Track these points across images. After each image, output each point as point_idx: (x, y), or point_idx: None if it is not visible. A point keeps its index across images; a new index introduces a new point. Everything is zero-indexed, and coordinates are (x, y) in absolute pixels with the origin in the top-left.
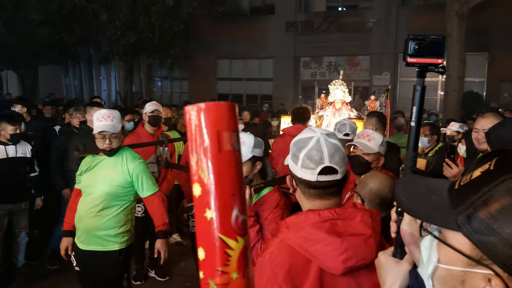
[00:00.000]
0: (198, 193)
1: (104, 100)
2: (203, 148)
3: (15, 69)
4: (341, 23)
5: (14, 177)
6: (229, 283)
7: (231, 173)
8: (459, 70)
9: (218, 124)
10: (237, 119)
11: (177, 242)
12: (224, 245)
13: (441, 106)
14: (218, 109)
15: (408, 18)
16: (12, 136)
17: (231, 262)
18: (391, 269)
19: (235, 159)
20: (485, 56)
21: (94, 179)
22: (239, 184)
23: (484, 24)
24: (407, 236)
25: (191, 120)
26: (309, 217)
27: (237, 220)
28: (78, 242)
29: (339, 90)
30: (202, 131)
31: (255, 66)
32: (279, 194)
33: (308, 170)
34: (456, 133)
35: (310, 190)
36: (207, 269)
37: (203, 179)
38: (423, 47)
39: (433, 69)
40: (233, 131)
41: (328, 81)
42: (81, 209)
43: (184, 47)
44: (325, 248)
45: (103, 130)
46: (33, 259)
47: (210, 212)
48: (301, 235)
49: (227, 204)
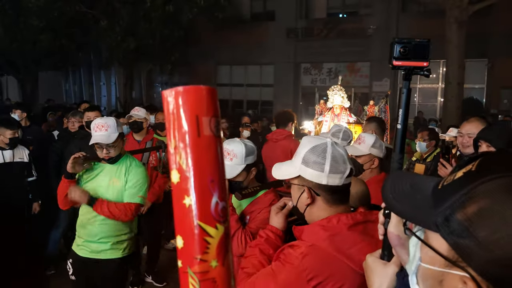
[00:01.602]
0: (176, 180)
1: (104, 105)
2: (181, 133)
3: (15, 74)
4: (342, 30)
5: (11, 182)
6: (208, 271)
7: (210, 158)
8: (458, 77)
9: (197, 109)
10: (217, 104)
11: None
12: (203, 233)
13: (441, 113)
14: (197, 93)
15: (408, 24)
16: (11, 141)
17: (210, 250)
18: (378, 271)
19: (214, 145)
20: (485, 63)
21: (98, 187)
22: (219, 170)
23: (484, 30)
24: (393, 238)
25: (168, 105)
26: (343, 220)
27: (217, 207)
28: (78, 249)
29: (338, 95)
30: (180, 116)
31: (256, 72)
32: (274, 195)
33: (338, 174)
34: (454, 138)
35: (334, 195)
36: (185, 257)
37: (181, 165)
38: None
39: (418, 72)
40: (213, 116)
41: (328, 87)
42: (83, 216)
43: (184, 53)
44: (362, 251)
45: (97, 142)
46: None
47: (189, 199)
48: (338, 239)
49: (206, 191)
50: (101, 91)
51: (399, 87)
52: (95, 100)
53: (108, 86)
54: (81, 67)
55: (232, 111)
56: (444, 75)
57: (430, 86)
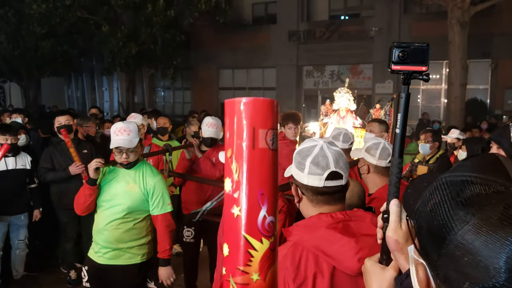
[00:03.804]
0: (228, 188)
1: (107, 111)
2: (237, 144)
3: (18, 81)
4: (344, 32)
5: (14, 189)
6: (249, 284)
7: (262, 172)
8: (461, 78)
9: (254, 121)
10: (276, 117)
11: (178, 253)
12: (248, 245)
13: (445, 114)
14: (256, 105)
15: (410, 26)
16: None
17: (253, 263)
18: (377, 275)
19: (268, 158)
20: (489, 63)
21: (114, 192)
22: (270, 184)
23: (487, 31)
24: (392, 243)
25: (229, 114)
26: (322, 219)
27: (264, 221)
28: (96, 257)
29: (344, 98)
30: (238, 126)
31: (258, 75)
32: (282, 200)
33: (316, 176)
34: (456, 140)
35: (318, 196)
36: (229, 266)
37: (234, 175)
38: (407, 54)
39: (417, 76)
40: (270, 129)
41: (331, 89)
42: (100, 223)
43: (186, 58)
44: (341, 248)
45: (119, 146)
46: (32, 271)
47: (238, 210)
48: (317, 236)
49: (255, 203)
50: (104, 96)
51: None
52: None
53: (111, 91)
54: (83, 73)
55: None
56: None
57: (434, 88)
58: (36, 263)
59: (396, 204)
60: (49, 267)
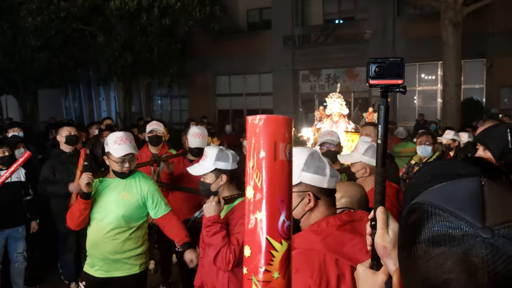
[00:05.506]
0: (250, 196)
1: None
2: (261, 156)
3: (15, 93)
4: (338, 35)
5: (10, 202)
6: (271, 281)
7: (282, 181)
8: (456, 78)
9: (276, 135)
10: (291, 132)
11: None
12: (270, 246)
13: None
14: (277, 121)
15: (404, 27)
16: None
17: (274, 263)
18: (368, 280)
19: (287, 169)
20: (483, 63)
21: (107, 203)
22: (288, 192)
23: (481, 30)
24: (380, 249)
25: (252, 129)
26: (331, 222)
27: (283, 225)
28: (93, 271)
29: (336, 103)
30: (261, 140)
31: (255, 81)
32: None
33: (334, 178)
34: (451, 141)
35: (330, 198)
36: (251, 265)
37: (257, 183)
38: (383, 69)
39: (394, 89)
40: (288, 143)
41: (327, 93)
42: (94, 235)
43: (182, 65)
44: (354, 248)
45: (128, 153)
46: (33, 284)
47: (260, 214)
48: (330, 240)
49: (276, 209)
50: (101, 106)
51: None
52: (95, 115)
53: (108, 101)
54: (80, 84)
55: (233, 121)
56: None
57: (430, 88)
58: (37, 276)
59: (382, 211)
60: (51, 280)
